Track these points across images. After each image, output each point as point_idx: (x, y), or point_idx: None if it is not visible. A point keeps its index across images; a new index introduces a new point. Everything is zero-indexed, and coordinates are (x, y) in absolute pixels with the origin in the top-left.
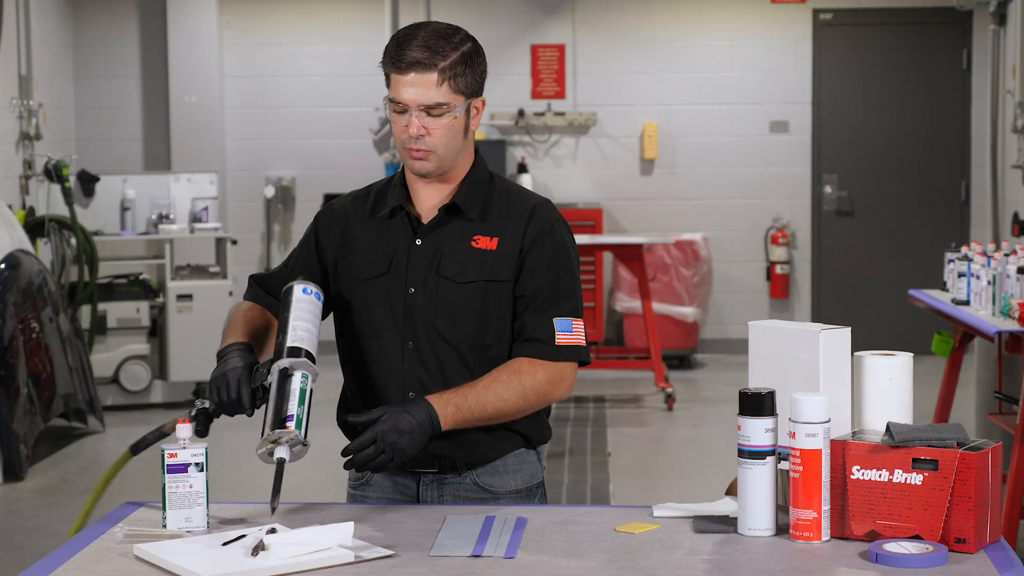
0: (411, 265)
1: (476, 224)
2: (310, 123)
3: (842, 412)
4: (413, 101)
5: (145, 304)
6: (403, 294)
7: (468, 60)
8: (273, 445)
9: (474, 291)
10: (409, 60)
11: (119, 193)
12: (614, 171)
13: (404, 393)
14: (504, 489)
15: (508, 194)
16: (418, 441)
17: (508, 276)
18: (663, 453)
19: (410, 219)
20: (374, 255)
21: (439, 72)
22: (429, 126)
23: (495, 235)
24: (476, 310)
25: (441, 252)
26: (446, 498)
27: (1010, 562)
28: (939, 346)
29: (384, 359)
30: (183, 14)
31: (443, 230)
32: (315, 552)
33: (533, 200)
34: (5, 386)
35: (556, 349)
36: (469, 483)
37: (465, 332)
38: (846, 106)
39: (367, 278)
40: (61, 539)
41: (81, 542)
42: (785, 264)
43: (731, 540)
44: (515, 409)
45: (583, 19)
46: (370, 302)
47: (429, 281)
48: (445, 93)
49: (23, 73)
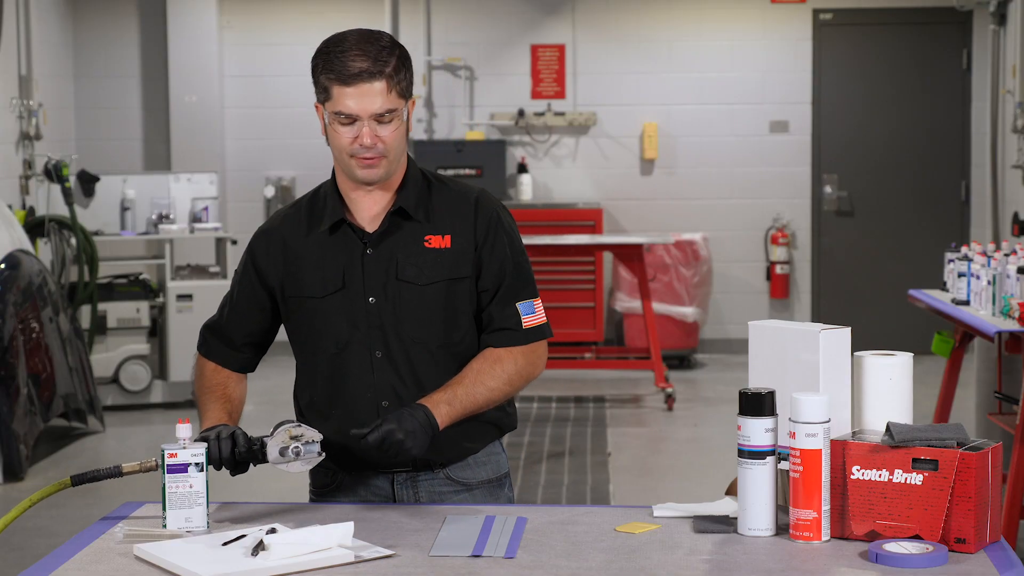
0: (367, 275)
1: (424, 225)
2: (310, 123)
3: (842, 412)
4: (364, 111)
5: (145, 304)
6: (363, 305)
7: (404, 63)
8: (292, 441)
9: (437, 291)
10: (354, 71)
11: (119, 193)
12: (614, 171)
13: (377, 402)
14: (476, 480)
15: (446, 188)
16: (422, 441)
17: (468, 272)
18: (663, 453)
19: (354, 230)
20: (324, 271)
21: (386, 79)
22: (380, 133)
23: (446, 232)
24: (441, 310)
25: (396, 258)
26: (421, 494)
27: (1010, 562)
28: (939, 346)
29: (352, 372)
30: (183, 14)
31: (393, 236)
32: (315, 552)
33: (472, 192)
34: (5, 386)
35: (525, 333)
36: (442, 478)
37: (433, 332)
38: (846, 106)
39: (322, 295)
40: (61, 539)
41: (81, 542)
42: (785, 264)
43: (731, 540)
44: (503, 395)
45: (583, 19)
46: (329, 318)
47: (389, 288)
48: (393, 99)
49: (23, 73)
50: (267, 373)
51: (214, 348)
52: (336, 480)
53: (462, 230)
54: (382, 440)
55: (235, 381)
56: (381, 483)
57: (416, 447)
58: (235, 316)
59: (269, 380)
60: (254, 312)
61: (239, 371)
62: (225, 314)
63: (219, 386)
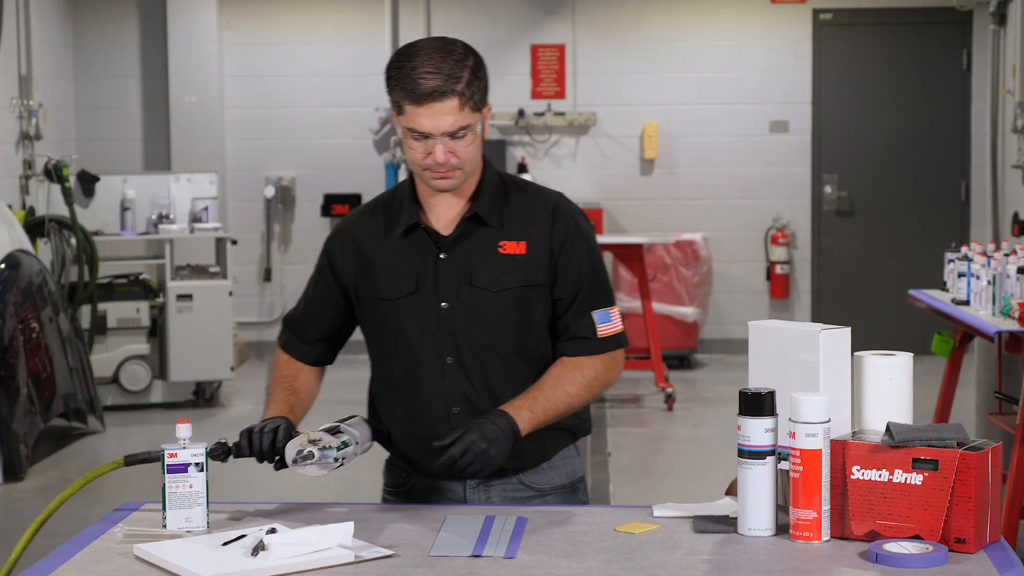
0: (440, 280)
1: (499, 231)
2: (310, 123)
3: (842, 412)
4: (437, 129)
5: (145, 304)
6: (435, 309)
7: (477, 74)
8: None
9: (511, 298)
10: (425, 90)
11: (119, 193)
12: (614, 171)
13: (448, 409)
14: (549, 485)
15: (523, 193)
16: (505, 449)
17: (543, 279)
18: (663, 453)
19: (429, 234)
20: (398, 274)
21: (459, 96)
22: (454, 149)
23: (521, 239)
24: (515, 316)
25: (471, 263)
26: (493, 499)
27: (1010, 562)
28: (939, 346)
29: (424, 377)
30: (183, 14)
31: (468, 241)
32: (315, 552)
33: (551, 198)
34: (5, 386)
35: (601, 342)
36: (515, 483)
37: (507, 339)
38: (846, 106)
39: (395, 298)
40: (61, 539)
41: (81, 542)
42: (785, 264)
43: (731, 540)
44: (583, 402)
45: (583, 19)
46: (401, 322)
47: (463, 293)
48: (466, 116)
49: (23, 73)
50: (267, 373)
51: (290, 341)
52: (409, 482)
53: (538, 237)
54: (464, 452)
55: (306, 374)
56: (454, 487)
57: (500, 455)
58: (310, 312)
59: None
60: (328, 310)
61: (313, 364)
62: (300, 309)
63: (288, 377)
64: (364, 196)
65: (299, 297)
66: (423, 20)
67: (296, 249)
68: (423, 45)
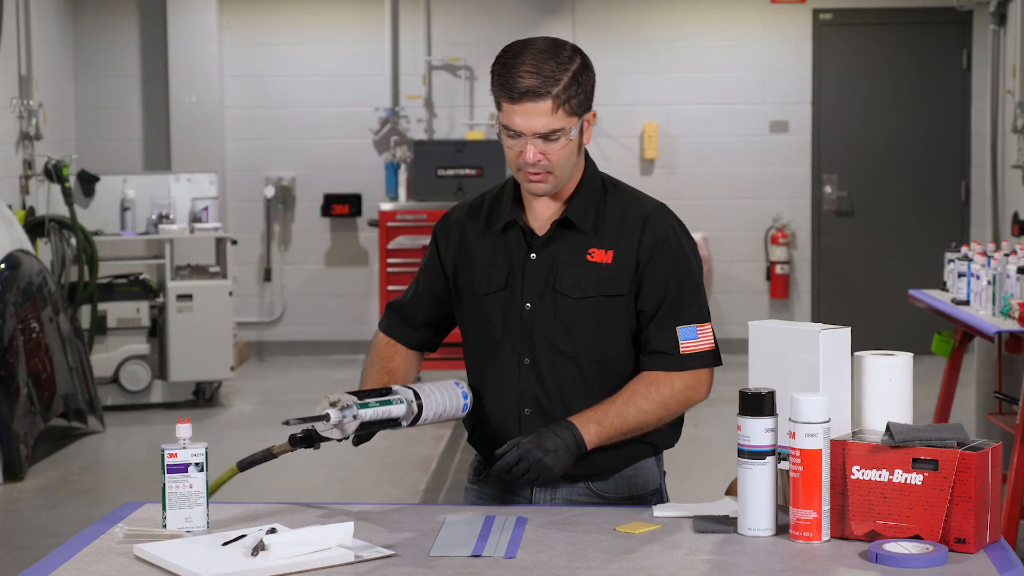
0: (527, 280)
1: (590, 237)
2: (310, 123)
3: (842, 412)
4: (528, 129)
5: (145, 304)
6: (519, 309)
7: (579, 79)
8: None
9: (592, 306)
10: (521, 89)
11: (119, 193)
12: (614, 171)
13: (520, 410)
14: (618, 495)
15: (621, 201)
16: (564, 459)
17: (625, 290)
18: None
19: (524, 233)
20: (491, 269)
21: (553, 99)
22: (546, 151)
23: (610, 248)
24: (595, 325)
25: (557, 267)
26: (559, 502)
27: (1010, 562)
28: (939, 346)
29: (500, 375)
30: (183, 14)
31: (557, 244)
32: (315, 552)
33: (647, 207)
34: (5, 386)
35: (682, 359)
36: (583, 487)
37: (584, 348)
38: (846, 106)
39: (484, 293)
40: (61, 539)
41: (81, 542)
42: (785, 264)
43: (731, 540)
44: (657, 419)
45: (583, 19)
46: (488, 317)
47: (546, 297)
48: (560, 119)
49: (23, 73)
50: (267, 373)
51: (392, 324)
52: (487, 472)
53: (626, 247)
54: (519, 459)
55: (403, 356)
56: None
57: (558, 466)
58: (417, 299)
59: (269, 380)
60: (435, 297)
61: (415, 348)
62: (409, 295)
63: (385, 359)
64: (364, 196)
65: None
66: (423, 20)
67: (296, 249)
68: (531, 43)
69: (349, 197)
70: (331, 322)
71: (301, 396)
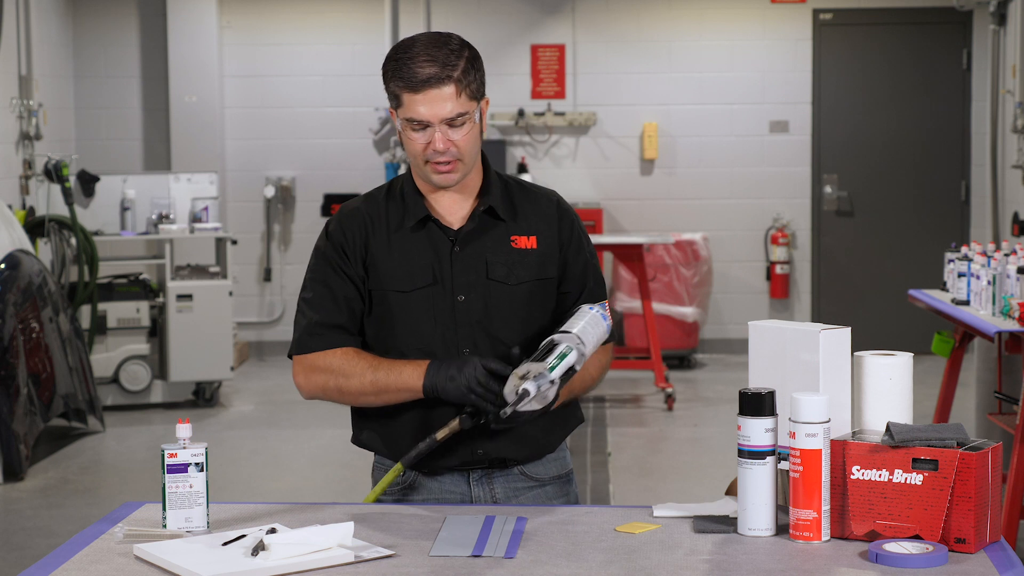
0: (456, 273)
1: (509, 225)
2: (310, 123)
3: (842, 412)
4: (435, 116)
5: (145, 304)
6: (451, 302)
7: (473, 64)
8: (521, 381)
9: (524, 291)
10: (423, 77)
11: (119, 193)
12: (614, 171)
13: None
14: (548, 475)
15: (525, 191)
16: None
17: (553, 273)
18: (663, 453)
19: (440, 227)
20: (410, 266)
21: (455, 83)
22: (453, 137)
23: (531, 233)
24: (525, 309)
25: (485, 256)
26: (497, 491)
27: (1010, 562)
28: (939, 346)
29: None
30: (183, 14)
31: (480, 235)
32: (315, 552)
33: (552, 194)
34: (5, 386)
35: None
36: (516, 474)
37: (518, 332)
38: (846, 106)
39: (410, 290)
40: (61, 539)
41: (81, 542)
42: (785, 264)
43: (731, 540)
44: (592, 384)
45: (583, 19)
46: (414, 314)
47: (479, 287)
48: (463, 103)
49: (23, 73)
50: (267, 373)
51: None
52: (408, 479)
53: (547, 232)
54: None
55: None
56: (457, 481)
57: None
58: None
59: (269, 380)
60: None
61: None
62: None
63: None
64: None
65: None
66: (423, 20)
67: (296, 249)
68: (418, 38)
69: (349, 197)
70: None
71: (301, 396)
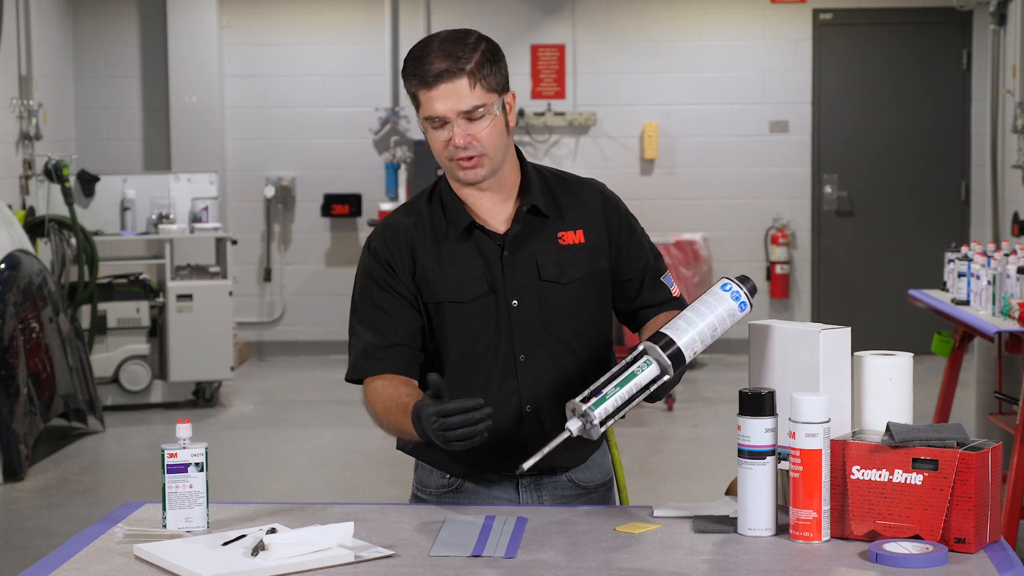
0: (508, 278)
1: (555, 221)
2: (310, 123)
3: (842, 412)
4: (451, 111)
5: (145, 304)
6: (507, 309)
7: (490, 57)
8: (571, 414)
9: (578, 288)
10: (435, 72)
11: (119, 193)
12: (614, 171)
13: (521, 407)
14: (593, 483)
15: (565, 182)
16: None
17: (605, 265)
18: (663, 453)
19: (486, 234)
20: (464, 276)
21: (468, 75)
22: (473, 131)
23: (577, 227)
24: (581, 306)
25: (535, 258)
26: (544, 497)
27: (1010, 562)
28: (939, 346)
29: (495, 377)
30: (183, 14)
31: (528, 236)
32: (315, 552)
33: (593, 183)
34: (5, 386)
35: (680, 300)
36: (564, 480)
37: (576, 330)
38: (846, 106)
39: (467, 300)
40: (61, 539)
41: (81, 542)
42: (785, 264)
43: (731, 540)
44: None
45: (583, 19)
46: (470, 323)
47: (532, 290)
48: (480, 95)
49: (23, 73)
50: (267, 373)
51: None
52: (454, 484)
53: (593, 223)
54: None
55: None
56: (506, 487)
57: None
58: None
59: (269, 380)
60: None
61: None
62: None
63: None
64: (364, 196)
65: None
66: (423, 20)
67: (296, 249)
68: (436, 36)
69: (349, 197)
70: (331, 322)
71: (301, 396)
